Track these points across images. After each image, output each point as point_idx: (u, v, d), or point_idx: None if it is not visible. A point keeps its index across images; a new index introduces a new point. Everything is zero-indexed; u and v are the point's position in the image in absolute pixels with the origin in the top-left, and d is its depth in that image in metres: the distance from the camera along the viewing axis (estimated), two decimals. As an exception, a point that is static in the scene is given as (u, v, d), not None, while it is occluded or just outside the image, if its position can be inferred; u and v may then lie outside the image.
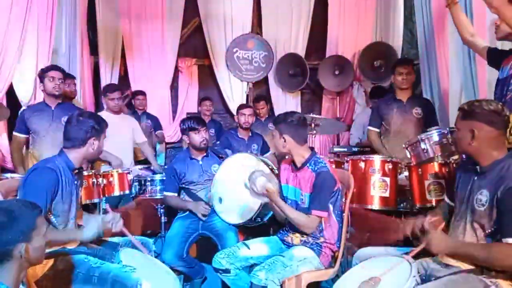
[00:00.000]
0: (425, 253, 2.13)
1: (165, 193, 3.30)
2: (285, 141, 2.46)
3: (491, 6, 2.41)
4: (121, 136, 4.07)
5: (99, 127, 2.28)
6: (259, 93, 6.01)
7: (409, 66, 3.73)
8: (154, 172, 4.09)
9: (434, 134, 2.71)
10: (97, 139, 2.27)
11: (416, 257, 2.02)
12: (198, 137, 3.17)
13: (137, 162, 4.45)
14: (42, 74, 3.43)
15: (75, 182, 2.30)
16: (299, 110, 5.93)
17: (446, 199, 2.24)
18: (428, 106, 3.80)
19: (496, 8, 2.37)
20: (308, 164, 2.47)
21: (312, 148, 2.58)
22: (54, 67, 3.50)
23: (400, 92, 3.74)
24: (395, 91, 3.82)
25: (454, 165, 2.70)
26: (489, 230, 1.83)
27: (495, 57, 2.71)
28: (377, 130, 3.85)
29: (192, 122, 3.18)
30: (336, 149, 4.52)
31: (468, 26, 2.90)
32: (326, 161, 2.53)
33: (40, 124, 3.44)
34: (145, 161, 4.51)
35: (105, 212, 2.36)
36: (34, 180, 2.12)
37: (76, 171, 2.32)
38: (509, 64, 2.52)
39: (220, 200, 3.04)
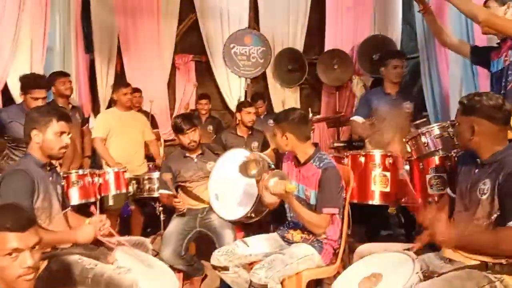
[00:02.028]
0: (428, 248, 2.10)
1: (161, 191, 3.26)
2: (287, 139, 2.42)
3: (478, 21, 2.40)
4: (131, 133, 4.09)
5: (38, 118, 2.16)
6: (258, 89, 5.94)
7: (404, 59, 3.69)
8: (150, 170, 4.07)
9: (435, 128, 2.66)
10: (39, 131, 2.15)
11: (418, 253, 1.99)
12: (185, 139, 3.12)
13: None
14: (24, 90, 3.23)
15: (50, 177, 2.24)
16: (298, 105, 5.86)
17: (449, 191, 2.20)
18: (417, 100, 3.77)
19: (483, 20, 2.37)
20: (312, 161, 2.43)
21: (316, 144, 2.54)
22: (37, 84, 3.23)
23: (390, 85, 3.66)
24: (384, 85, 3.71)
25: (456, 158, 2.65)
26: (492, 218, 1.80)
27: (481, 54, 2.72)
28: (357, 118, 3.72)
29: (180, 122, 3.11)
30: (336, 144, 4.45)
31: (444, 29, 2.93)
32: (330, 157, 2.49)
33: (19, 131, 3.30)
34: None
35: (91, 215, 2.31)
36: (10, 187, 2.05)
37: (48, 168, 2.26)
38: (502, 57, 2.52)
39: (216, 197, 3.00)
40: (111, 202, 3.43)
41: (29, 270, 1.42)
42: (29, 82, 3.25)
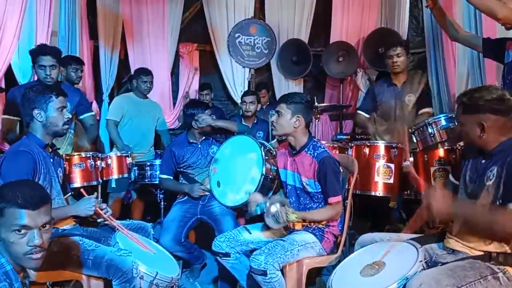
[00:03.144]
0: (430, 238, 2.08)
1: (161, 175, 3.25)
2: (298, 121, 2.41)
3: (498, 19, 2.39)
4: (143, 120, 4.18)
5: (37, 97, 2.16)
6: (261, 79, 5.90)
7: (399, 47, 3.53)
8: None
9: (441, 119, 2.65)
10: (40, 109, 2.16)
11: (421, 243, 1.97)
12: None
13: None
14: (33, 59, 3.15)
15: (51, 159, 2.24)
16: (302, 97, 5.81)
17: (451, 178, 2.17)
18: (422, 93, 3.60)
19: (503, 18, 2.37)
20: (306, 149, 2.43)
21: (309, 133, 2.53)
22: (43, 51, 3.09)
23: (394, 76, 3.59)
24: (391, 76, 3.64)
25: (461, 150, 2.63)
26: (497, 203, 1.77)
27: (494, 46, 2.69)
28: (367, 115, 3.69)
29: (202, 107, 3.17)
30: (339, 137, 4.43)
31: (453, 24, 2.88)
32: (324, 144, 2.48)
33: None
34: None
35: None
36: (13, 167, 2.04)
37: (50, 149, 2.25)
38: None
39: (218, 184, 3.00)
40: (114, 185, 3.45)
41: (36, 248, 1.42)
42: (35, 49, 3.15)
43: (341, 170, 2.48)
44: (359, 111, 3.80)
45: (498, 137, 1.84)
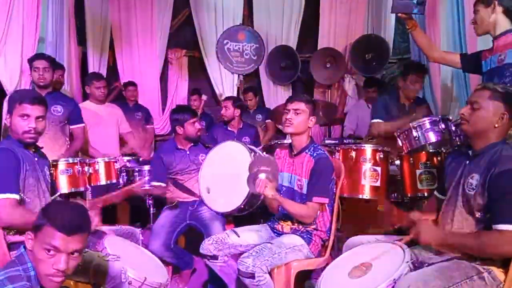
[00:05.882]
0: (416, 242, 2.11)
1: (152, 183, 3.23)
2: (311, 121, 2.46)
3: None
4: (106, 125, 4.09)
5: (10, 102, 2.15)
6: (250, 85, 5.94)
7: (425, 74, 3.57)
8: (140, 163, 4.02)
9: (426, 122, 2.68)
10: (10, 114, 2.12)
11: (407, 245, 1.99)
12: (194, 128, 3.14)
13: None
14: (29, 64, 3.40)
15: (35, 158, 2.19)
16: (290, 103, 5.86)
17: (436, 193, 2.20)
18: (426, 111, 3.55)
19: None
20: (307, 150, 2.46)
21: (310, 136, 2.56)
22: (38, 56, 3.42)
23: (404, 97, 3.50)
24: (399, 94, 3.53)
25: (445, 154, 2.67)
26: (479, 215, 1.81)
27: (471, 59, 2.77)
28: (382, 121, 3.45)
29: (186, 112, 3.15)
30: (327, 141, 4.45)
31: (432, 45, 2.99)
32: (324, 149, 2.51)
33: None
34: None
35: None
36: None
37: (33, 149, 2.22)
38: (495, 54, 2.55)
39: (208, 190, 3.00)
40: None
41: (58, 273, 1.44)
42: (32, 56, 3.48)
43: (334, 177, 2.50)
44: (375, 120, 3.50)
45: (493, 138, 1.85)
